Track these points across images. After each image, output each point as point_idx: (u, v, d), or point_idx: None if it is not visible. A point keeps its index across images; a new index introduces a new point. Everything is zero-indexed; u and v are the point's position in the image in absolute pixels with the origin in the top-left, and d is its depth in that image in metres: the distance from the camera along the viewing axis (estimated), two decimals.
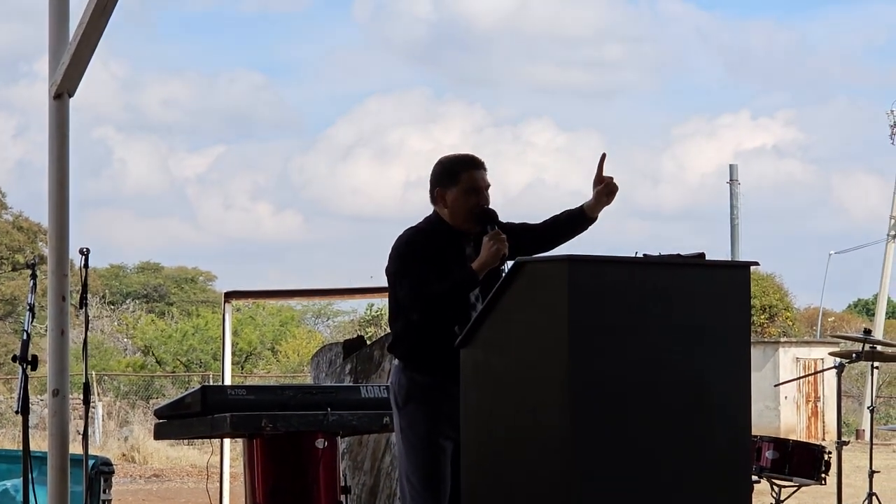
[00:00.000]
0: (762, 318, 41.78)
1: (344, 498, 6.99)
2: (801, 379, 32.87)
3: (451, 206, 6.08)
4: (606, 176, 6.11)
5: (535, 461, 5.23)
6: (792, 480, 9.10)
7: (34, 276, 7.00)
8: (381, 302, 33.89)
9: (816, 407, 34.17)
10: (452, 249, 6.04)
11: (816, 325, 43.66)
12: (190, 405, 6.84)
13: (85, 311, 6.97)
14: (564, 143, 71.78)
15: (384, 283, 6.15)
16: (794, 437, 23.86)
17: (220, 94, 71.88)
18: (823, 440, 30.40)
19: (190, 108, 72.00)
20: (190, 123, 73.54)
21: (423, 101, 74.14)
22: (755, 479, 8.67)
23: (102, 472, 8.55)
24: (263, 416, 6.74)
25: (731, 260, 21.70)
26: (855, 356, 9.73)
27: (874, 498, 9.79)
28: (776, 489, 9.22)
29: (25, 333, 6.53)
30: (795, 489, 9.23)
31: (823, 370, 21.18)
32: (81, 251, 6.98)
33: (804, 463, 9.05)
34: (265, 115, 72.92)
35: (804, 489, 9.41)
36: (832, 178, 75.68)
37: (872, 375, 12.19)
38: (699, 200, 68.71)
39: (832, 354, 10.74)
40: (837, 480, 9.56)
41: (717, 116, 75.84)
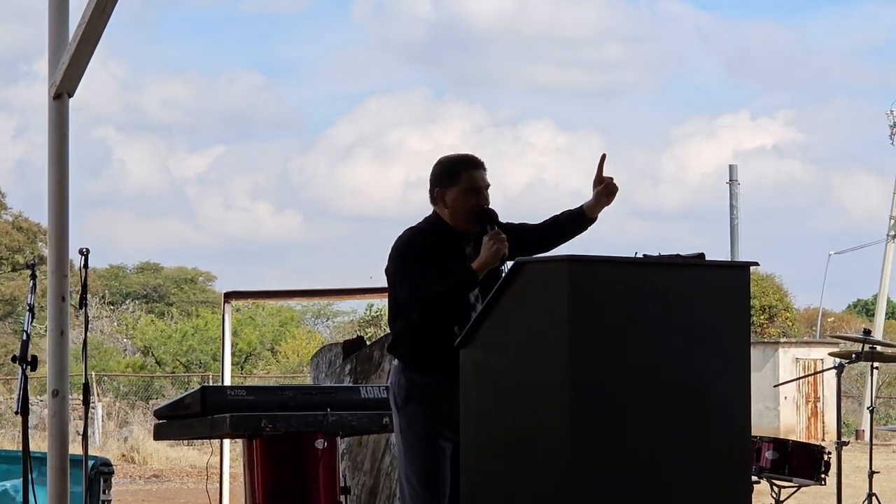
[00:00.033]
0: (762, 318, 41.77)
1: (343, 498, 6.99)
2: (800, 379, 32.87)
3: (450, 206, 6.08)
4: (606, 176, 6.11)
5: (534, 462, 5.23)
6: (791, 481, 9.10)
7: (34, 276, 7.00)
8: (380, 302, 33.89)
9: (816, 407, 34.16)
10: (452, 249, 6.04)
11: (816, 325, 43.65)
12: (189, 406, 6.84)
13: (84, 311, 6.97)
14: (564, 143, 71.81)
15: (384, 283, 6.15)
16: (793, 437, 23.87)
17: (219, 94, 71.92)
18: (823, 440, 30.40)
19: (190, 108, 72.04)
20: (190, 123, 73.59)
21: (422, 101, 74.17)
22: (755, 479, 8.67)
23: (102, 472, 8.55)
24: (263, 416, 6.73)
25: (730, 260, 21.68)
26: (854, 356, 9.73)
27: (874, 498, 9.79)
28: (776, 489, 9.21)
29: (25, 334, 6.52)
30: (795, 490, 9.23)
31: (823, 370, 21.16)
32: (81, 251, 6.97)
33: (804, 463, 9.04)
34: (265, 115, 72.95)
35: (804, 490, 9.41)
36: (832, 178, 75.73)
37: (872, 376, 12.16)
38: (699, 201, 68.74)
39: (832, 355, 10.74)
40: (837, 481, 9.56)
41: (716, 116, 75.85)
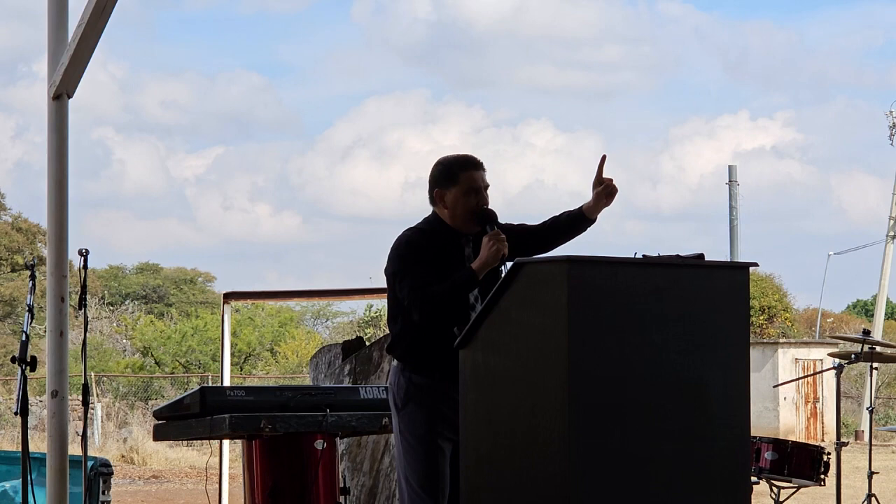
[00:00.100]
0: (761, 318, 41.79)
1: (343, 499, 6.99)
2: (800, 380, 32.88)
3: (450, 206, 6.07)
4: (606, 177, 6.10)
5: (534, 462, 5.23)
6: (791, 481, 9.10)
7: (33, 277, 7.00)
8: (380, 303, 33.92)
9: (815, 408, 34.17)
10: (452, 250, 6.04)
11: (815, 325, 43.69)
12: (189, 406, 6.83)
13: (84, 312, 6.97)
14: (563, 143, 71.81)
15: (383, 283, 6.14)
16: (793, 437, 23.85)
17: (219, 95, 71.96)
18: (822, 441, 30.40)
19: (189, 109, 72.06)
20: (189, 124, 73.61)
21: (422, 101, 74.21)
22: (754, 480, 8.67)
23: (101, 473, 8.55)
24: (262, 417, 6.73)
25: (730, 261, 21.68)
26: (854, 357, 9.73)
27: (873, 499, 9.79)
28: (775, 490, 9.21)
29: (24, 334, 6.52)
30: (794, 490, 9.23)
31: (822, 371, 21.16)
32: (80, 252, 6.98)
33: (803, 464, 9.04)
34: (264, 115, 72.99)
35: (803, 490, 9.41)
36: (831, 178, 75.75)
37: (871, 376, 12.12)
38: (698, 201, 68.75)
39: (831, 355, 10.73)
40: (836, 481, 9.56)
41: (715, 117, 75.83)
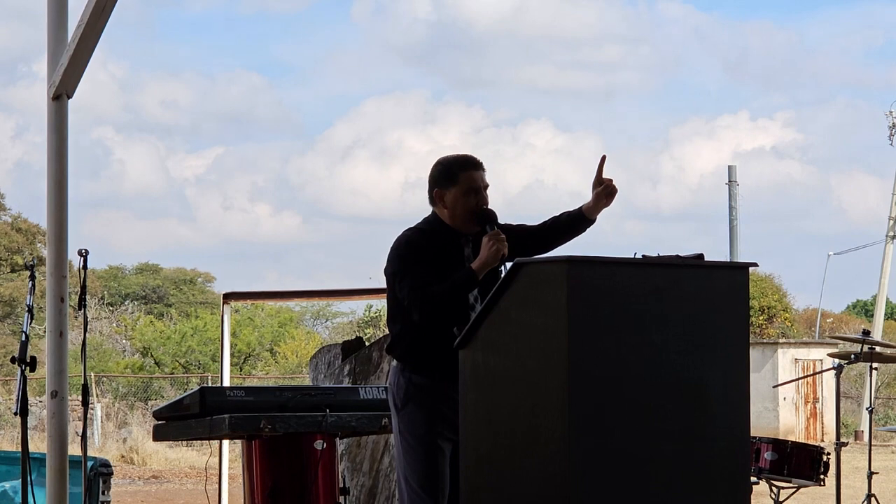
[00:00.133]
0: (761, 319, 41.79)
1: (343, 499, 6.99)
2: (799, 380, 32.88)
3: (450, 206, 6.07)
4: (606, 178, 6.10)
5: (534, 462, 5.23)
6: (791, 482, 9.10)
7: (33, 277, 7.00)
8: (379, 303, 33.90)
9: (815, 408, 34.17)
10: (451, 250, 6.03)
11: (815, 326, 43.69)
12: (189, 406, 6.83)
13: (84, 312, 6.97)
14: (563, 144, 71.80)
15: (383, 284, 6.14)
16: (792, 438, 23.86)
17: (218, 95, 71.94)
18: (822, 441, 30.40)
19: (189, 109, 72.05)
20: (189, 124, 73.60)
21: (421, 102, 74.19)
22: (754, 480, 8.67)
23: (101, 473, 8.55)
24: (262, 417, 6.73)
25: (729, 261, 21.67)
26: (854, 357, 9.73)
27: (873, 499, 9.79)
28: (775, 490, 9.21)
29: (24, 335, 6.52)
30: (794, 490, 9.23)
31: (822, 371, 21.13)
32: (80, 252, 6.98)
33: (803, 464, 9.04)
34: (264, 116, 72.97)
35: (803, 490, 9.41)
36: (831, 179, 75.74)
37: (871, 376, 12.13)
38: (698, 201, 68.75)
39: (831, 355, 10.74)
40: (836, 481, 9.56)
41: (715, 117, 75.78)
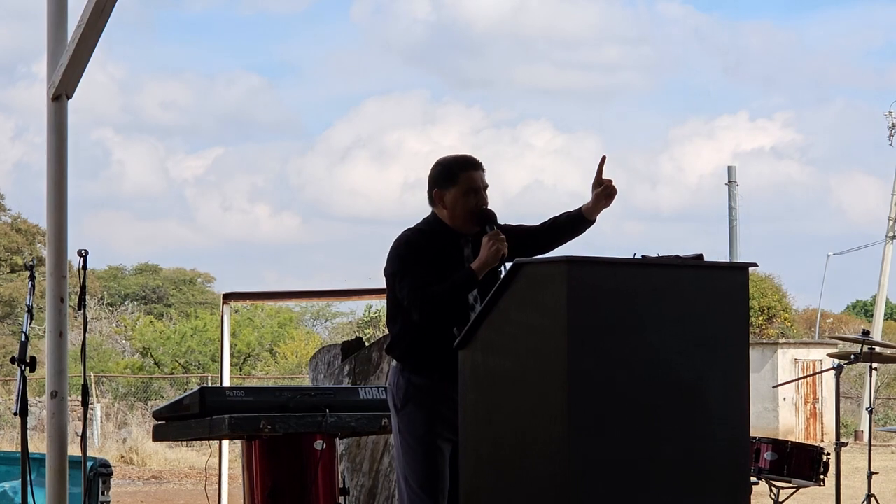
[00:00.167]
0: (760, 319, 41.80)
1: (342, 499, 6.99)
2: (799, 380, 32.88)
3: (449, 206, 6.07)
4: (606, 178, 6.10)
5: (533, 463, 5.23)
6: (790, 482, 9.10)
7: (32, 277, 7.00)
8: (379, 303, 33.88)
9: (815, 408, 34.17)
10: (451, 250, 6.03)
11: (815, 326, 43.69)
12: (188, 407, 6.83)
13: (83, 312, 6.97)
14: (563, 144, 71.79)
15: (383, 284, 6.14)
16: (792, 438, 23.86)
17: (218, 95, 71.92)
18: (822, 441, 30.40)
19: (188, 109, 72.02)
20: (188, 125, 73.58)
21: (421, 102, 74.17)
22: (754, 480, 8.66)
23: (101, 473, 8.55)
24: (262, 417, 6.73)
25: (729, 261, 21.67)
26: (853, 357, 9.73)
27: (873, 499, 9.79)
28: (775, 490, 9.21)
29: (24, 335, 6.52)
30: (794, 491, 9.23)
31: (822, 371, 21.13)
32: (80, 253, 6.97)
33: (803, 464, 9.04)
34: (263, 116, 72.97)
35: (803, 490, 9.41)
36: (831, 179, 75.74)
37: (871, 377, 12.13)
38: (698, 202, 68.75)
39: (831, 356, 10.74)
40: (836, 482, 9.56)
41: (715, 118, 75.75)
